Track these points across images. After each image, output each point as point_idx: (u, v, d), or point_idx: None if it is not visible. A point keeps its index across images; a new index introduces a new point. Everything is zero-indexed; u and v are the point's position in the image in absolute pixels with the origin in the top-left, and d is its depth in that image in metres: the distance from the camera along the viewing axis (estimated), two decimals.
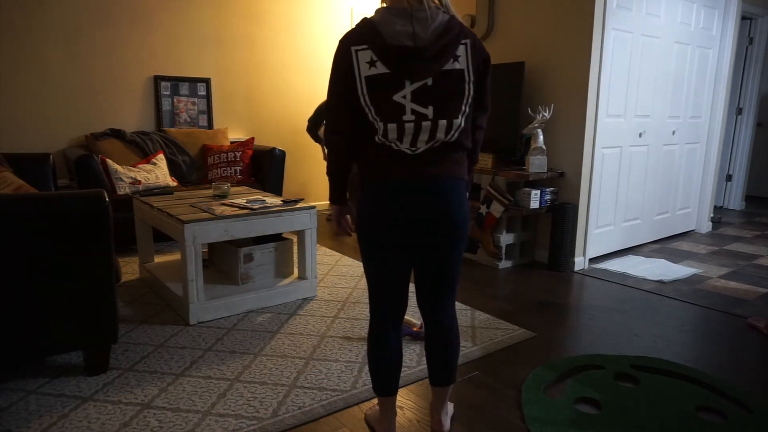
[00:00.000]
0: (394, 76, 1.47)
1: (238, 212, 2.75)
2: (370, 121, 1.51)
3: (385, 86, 1.48)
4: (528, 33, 3.85)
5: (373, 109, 1.50)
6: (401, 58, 1.46)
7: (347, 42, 1.50)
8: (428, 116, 1.49)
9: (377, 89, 1.48)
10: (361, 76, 1.48)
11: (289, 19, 5.29)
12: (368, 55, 1.47)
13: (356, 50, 1.48)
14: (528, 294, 3.22)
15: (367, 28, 1.48)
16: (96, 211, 2.00)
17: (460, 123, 1.53)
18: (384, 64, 1.46)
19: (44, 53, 4.07)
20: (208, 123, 4.92)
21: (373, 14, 1.52)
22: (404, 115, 1.49)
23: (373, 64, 1.47)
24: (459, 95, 1.52)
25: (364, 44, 1.47)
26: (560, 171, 3.72)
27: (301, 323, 2.71)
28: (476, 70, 1.54)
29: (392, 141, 1.51)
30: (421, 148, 1.52)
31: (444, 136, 1.52)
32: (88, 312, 2.06)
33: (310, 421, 1.87)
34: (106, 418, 1.86)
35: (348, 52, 1.49)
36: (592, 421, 1.89)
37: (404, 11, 1.46)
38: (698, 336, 2.65)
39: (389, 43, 1.45)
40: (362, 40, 1.48)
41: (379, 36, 1.46)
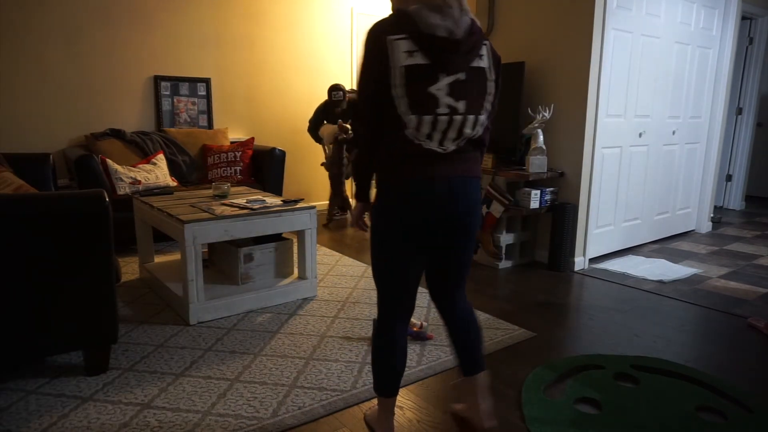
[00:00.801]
0: (432, 67, 1.47)
1: (238, 212, 2.75)
2: (398, 114, 1.48)
3: (423, 77, 1.46)
4: (528, 33, 3.85)
5: (405, 101, 1.47)
6: (441, 49, 1.46)
7: (381, 31, 1.48)
8: (460, 110, 1.51)
9: (414, 80, 1.46)
10: (396, 66, 1.46)
11: (289, 19, 5.29)
12: (407, 44, 1.46)
13: (393, 39, 1.46)
14: (528, 294, 3.22)
15: (404, 19, 1.47)
16: (96, 211, 2.00)
17: (484, 120, 1.58)
18: (423, 55, 1.46)
19: (44, 53, 4.08)
20: (208, 123, 4.92)
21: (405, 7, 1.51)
22: (438, 108, 1.48)
23: (411, 54, 1.46)
24: (484, 92, 1.56)
25: (402, 33, 1.46)
26: (560, 171, 3.72)
27: (301, 323, 2.71)
28: (495, 69, 1.59)
29: (422, 138, 1.50)
30: (450, 148, 1.52)
31: (471, 131, 1.54)
32: (88, 312, 2.06)
33: (310, 421, 1.87)
34: (106, 418, 1.86)
35: (382, 41, 1.47)
36: (592, 421, 1.89)
37: (439, 7, 1.48)
38: (698, 336, 2.65)
39: (430, 33, 1.45)
40: (400, 30, 1.46)
41: (417, 26, 1.45)
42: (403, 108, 1.48)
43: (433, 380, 2.17)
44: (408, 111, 1.48)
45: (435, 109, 1.48)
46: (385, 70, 1.47)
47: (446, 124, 1.50)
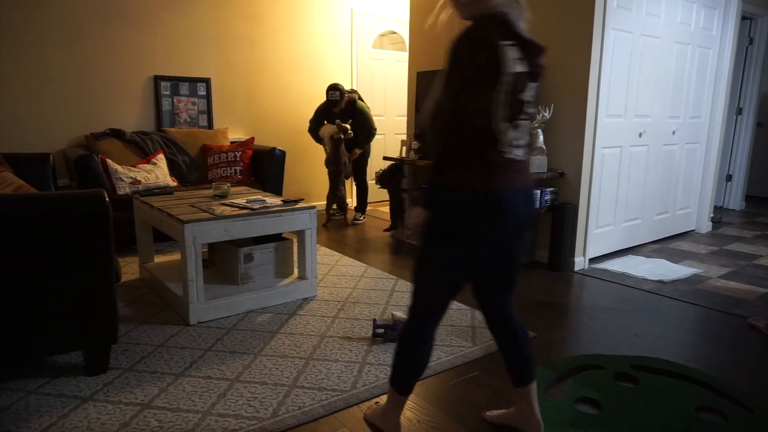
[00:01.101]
0: (528, 74, 1.48)
1: (238, 212, 2.75)
2: (488, 121, 1.45)
3: (521, 85, 1.47)
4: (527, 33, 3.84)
5: (503, 109, 1.44)
6: (534, 56, 1.48)
7: (492, 36, 1.42)
8: (531, 116, 1.55)
9: (516, 88, 1.45)
10: (505, 72, 1.42)
11: (289, 19, 5.29)
12: (515, 51, 1.44)
13: (505, 45, 1.42)
14: (528, 294, 3.22)
15: (507, 24, 1.45)
16: (96, 211, 2.00)
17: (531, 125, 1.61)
18: (525, 62, 1.47)
19: (44, 53, 4.08)
20: (208, 123, 4.92)
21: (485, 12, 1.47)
22: (521, 115, 1.50)
23: (518, 61, 1.45)
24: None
25: (510, 40, 1.44)
26: (560, 171, 3.72)
27: (301, 323, 2.71)
28: None
29: (507, 145, 1.48)
30: (521, 156, 1.53)
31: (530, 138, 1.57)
32: (88, 312, 2.06)
33: (310, 421, 1.87)
34: (106, 418, 1.86)
35: (495, 47, 1.41)
36: (592, 421, 1.89)
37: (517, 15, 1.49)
38: (698, 336, 2.64)
39: (528, 40, 1.46)
40: (507, 36, 1.44)
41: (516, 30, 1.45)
42: (500, 114, 1.45)
43: (433, 380, 2.17)
44: (503, 118, 1.46)
45: (520, 116, 1.50)
46: (494, 77, 1.42)
47: (523, 130, 1.53)
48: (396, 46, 6.51)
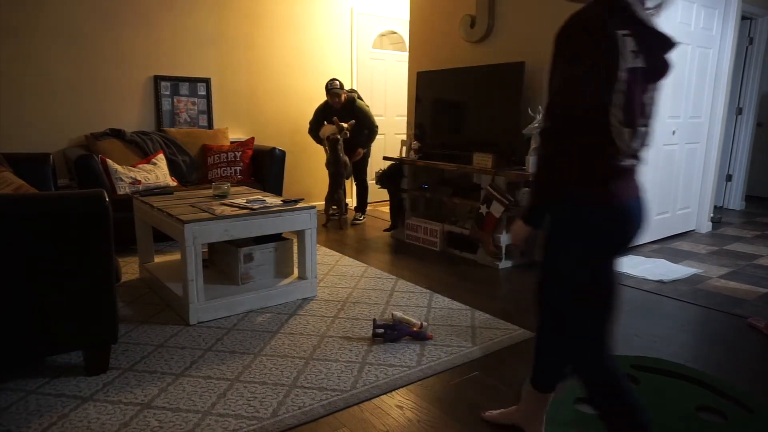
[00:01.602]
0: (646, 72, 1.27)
1: (238, 212, 2.75)
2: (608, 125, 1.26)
3: (640, 84, 1.27)
4: (528, 33, 3.85)
5: (622, 111, 1.25)
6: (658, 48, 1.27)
7: (607, 23, 1.21)
8: (650, 120, 1.37)
9: (634, 85, 1.25)
10: (623, 68, 1.22)
11: (289, 19, 5.29)
12: (632, 43, 1.23)
13: (622, 35, 1.21)
14: (528, 294, 3.21)
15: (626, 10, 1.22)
16: (96, 211, 2.00)
17: None
18: (644, 57, 1.25)
19: (44, 53, 4.08)
20: (208, 123, 4.92)
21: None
22: (644, 119, 1.32)
23: (636, 55, 1.24)
24: None
25: (627, 29, 1.22)
26: None
27: (301, 323, 2.71)
28: None
29: (630, 152, 1.32)
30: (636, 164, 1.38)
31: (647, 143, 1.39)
32: (88, 312, 2.06)
33: (310, 421, 1.87)
34: (106, 418, 1.86)
35: (613, 36, 1.20)
36: (592, 421, 1.89)
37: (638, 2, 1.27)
38: (698, 336, 2.64)
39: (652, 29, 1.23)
40: (624, 24, 1.22)
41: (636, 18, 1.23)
42: (619, 118, 1.26)
43: (433, 380, 2.17)
44: (624, 122, 1.27)
45: (643, 120, 1.32)
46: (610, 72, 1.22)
47: (644, 137, 1.36)
48: (396, 46, 6.51)
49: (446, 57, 4.55)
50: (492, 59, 4.12)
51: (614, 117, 1.25)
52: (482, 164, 3.81)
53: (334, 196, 4.83)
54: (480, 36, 4.16)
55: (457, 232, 4.07)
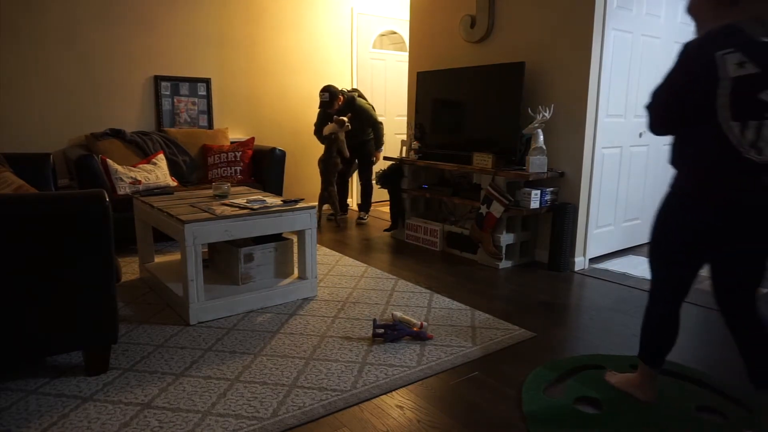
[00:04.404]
0: (763, 75, 1.55)
1: (238, 212, 2.75)
2: (720, 121, 1.58)
3: (753, 85, 1.55)
4: (528, 33, 3.85)
5: (731, 110, 1.56)
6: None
7: (709, 48, 1.58)
8: None
9: (744, 89, 1.55)
10: (727, 77, 1.56)
11: (289, 19, 5.29)
12: (737, 57, 1.55)
13: (723, 55, 1.56)
14: (528, 294, 3.22)
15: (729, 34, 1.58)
16: (96, 211, 2.00)
17: None
18: (754, 64, 1.55)
19: (44, 53, 4.08)
20: (208, 123, 4.92)
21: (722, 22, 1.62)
22: (766, 113, 1.55)
23: (742, 66, 1.55)
24: None
25: (730, 48, 1.56)
26: (560, 171, 3.72)
27: (301, 323, 2.71)
28: None
29: (746, 145, 1.56)
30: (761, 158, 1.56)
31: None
32: (88, 312, 2.06)
33: (310, 421, 1.87)
34: (106, 418, 1.86)
35: (710, 57, 1.57)
36: (592, 421, 1.89)
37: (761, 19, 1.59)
38: (698, 336, 2.64)
39: (760, 42, 1.55)
40: (727, 45, 1.57)
41: (746, 38, 1.56)
42: (724, 115, 1.57)
43: (433, 380, 2.17)
44: (729, 117, 1.57)
45: (763, 114, 1.55)
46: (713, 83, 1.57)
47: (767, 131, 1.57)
48: (396, 46, 6.51)
49: (446, 57, 4.55)
50: (492, 59, 4.13)
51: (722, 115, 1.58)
52: (482, 164, 3.81)
53: (325, 195, 4.80)
54: (480, 36, 4.17)
55: (457, 232, 4.07)
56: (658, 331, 1.88)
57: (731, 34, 1.57)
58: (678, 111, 1.67)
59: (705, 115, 1.61)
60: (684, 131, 1.71)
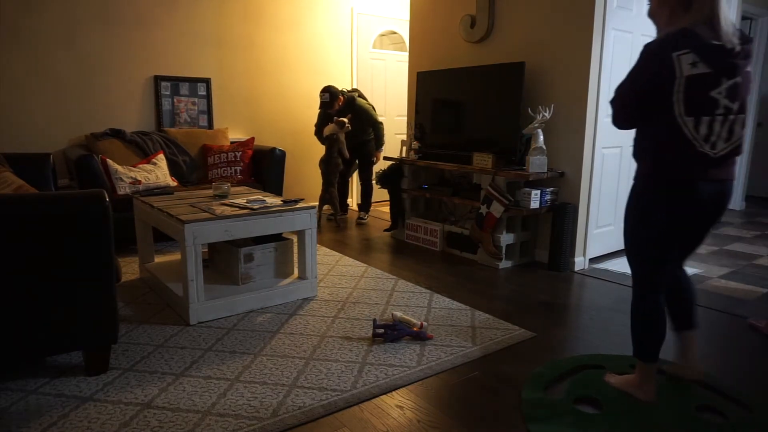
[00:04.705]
0: (715, 74, 1.70)
1: (238, 212, 2.75)
2: (676, 116, 1.74)
3: (706, 84, 1.70)
4: (528, 33, 3.85)
5: (685, 106, 1.72)
6: (722, 58, 1.70)
7: (666, 49, 1.72)
8: (734, 110, 1.74)
9: (697, 87, 1.70)
10: (682, 76, 1.70)
11: (289, 19, 5.29)
12: (691, 57, 1.70)
13: (678, 55, 1.71)
14: (528, 294, 3.22)
15: (684, 36, 1.72)
16: (96, 211, 2.00)
17: (746, 118, 1.79)
18: (706, 65, 1.70)
19: (44, 53, 4.08)
20: (208, 123, 4.92)
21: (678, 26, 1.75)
22: (717, 110, 1.72)
23: (695, 65, 1.70)
24: (748, 93, 1.78)
25: (685, 49, 1.70)
26: (560, 171, 3.72)
27: (301, 323, 2.71)
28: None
29: (698, 140, 1.74)
30: (720, 153, 1.75)
31: (741, 130, 1.77)
32: (88, 312, 2.06)
33: (310, 421, 1.87)
34: (106, 418, 1.86)
35: (668, 57, 1.71)
36: (592, 421, 1.89)
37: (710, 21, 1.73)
38: (698, 336, 2.64)
39: (711, 44, 1.70)
40: (683, 46, 1.71)
41: (699, 41, 1.70)
42: (679, 110, 1.73)
43: (433, 380, 2.17)
44: (684, 112, 1.73)
45: (714, 110, 1.72)
46: (670, 81, 1.72)
47: (721, 123, 1.73)
48: (396, 46, 6.51)
49: (446, 57, 4.55)
50: (492, 59, 4.13)
51: (676, 110, 1.73)
52: (482, 164, 3.81)
53: (326, 196, 4.80)
54: (480, 36, 4.17)
55: (457, 232, 4.07)
56: (648, 325, 1.95)
57: (686, 37, 1.71)
58: (639, 106, 1.81)
59: (663, 110, 1.75)
60: (645, 126, 1.85)
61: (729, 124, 1.74)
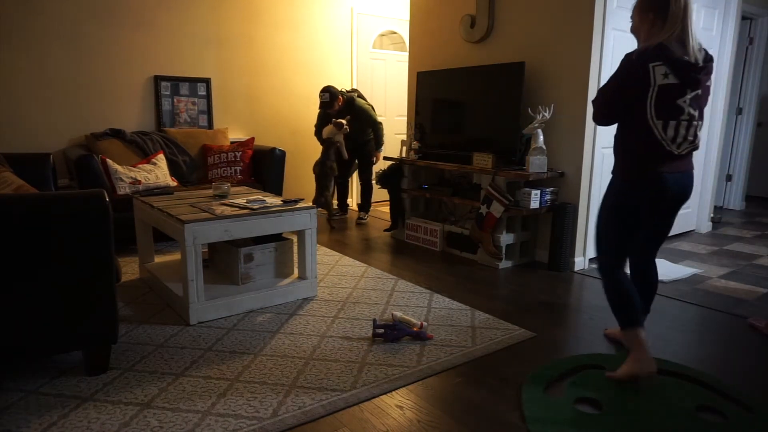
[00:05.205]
0: (681, 85, 1.98)
1: (238, 212, 2.75)
2: (648, 118, 2.01)
3: (674, 93, 1.98)
4: (528, 33, 3.85)
5: (656, 111, 2.00)
6: (688, 72, 1.97)
7: (644, 60, 1.98)
8: (695, 117, 2.04)
9: (666, 95, 1.98)
10: (655, 85, 1.98)
11: (289, 19, 5.29)
12: (663, 69, 1.97)
13: (653, 66, 1.97)
14: (528, 294, 3.22)
15: (659, 50, 1.97)
16: (96, 211, 2.00)
17: (703, 124, 2.12)
18: (675, 76, 1.97)
19: (44, 53, 4.08)
20: (208, 123, 4.92)
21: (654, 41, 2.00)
22: (682, 116, 2.01)
23: (666, 76, 1.97)
24: (706, 104, 2.10)
25: (659, 61, 1.96)
26: (560, 171, 3.72)
27: (301, 323, 2.71)
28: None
29: (666, 140, 2.02)
30: (682, 152, 2.05)
31: (699, 133, 2.07)
32: (88, 312, 2.06)
33: (310, 421, 1.87)
34: (106, 418, 1.86)
35: (646, 66, 1.98)
36: (592, 421, 1.89)
37: (682, 40, 2.00)
38: (698, 336, 2.64)
39: (681, 60, 1.96)
40: (658, 59, 1.97)
41: (671, 55, 1.96)
42: (651, 114, 2.01)
43: (433, 380, 2.17)
44: (655, 117, 2.01)
45: (680, 116, 2.01)
46: (645, 88, 1.99)
47: (685, 128, 2.02)
48: (396, 46, 6.51)
49: (446, 57, 4.55)
50: (492, 59, 4.13)
51: (650, 114, 2.02)
52: (482, 164, 3.81)
53: (320, 200, 4.79)
54: (480, 36, 4.17)
55: (457, 232, 4.07)
56: (621, 296, 2.16)
57: (661, 51, 1.97)
58: (618, 106, 2.09)
59: (638, 112, 2.03)
60: (622, 128, 2.15)
61: (693, 129, 2.04)
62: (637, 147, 2.08)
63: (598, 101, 2.16)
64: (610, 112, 2.14)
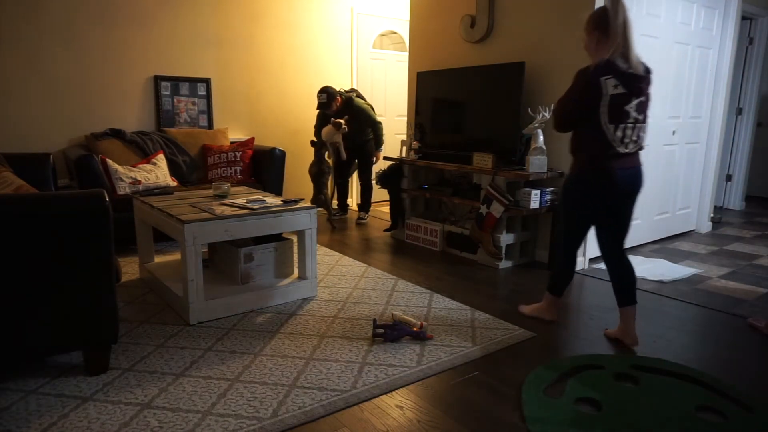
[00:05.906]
0: (629, 94, 2.31)
1: (238, 212, 2.75)
2: (601, 123, 2.33)
3: (622, 101, 2.31)
4: (528, 33, 3.85)
5: (608, 116, 2.32)
6: (633, 83, 2.31)
7: (597, 75, 2.29)
8: (640, 120, 2.38)
9: (616, 103, 2.31)
10: (607, 95, 2.29)
11: (289, 19, 5.29)
12: (613, 81, 2.29)
13: (604, 79, 2.29)
14: (528, 294, 3.22)
15: (608, 66, 2.29)
16: (96, 211, 2.00)
17: (647, 126, 2.47)
18: (623, 87, 2.30)
19: (44, 53, 4.08)
20: (208, 123, 4.92)
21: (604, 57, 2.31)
22: (628, 120, 2.34)
23: (616, 87, 2.29)
24: (648, 108, 2.42)
25: (610, 74, 2.29)
26: (560, 171, 3.71)
27: (301, 323, 2.71)
28: None
29: (617, 141, 2.34)
30: (629, 150, 2.38)
31: (644, 134, 2.42)
32: (88, 312, 2.06)
33: (310, 421, 1.87)
34: (106, 418, 1.86)
35: (598, 80, 2.29)
36: (592, 421, 1.89)
37: (626, 56, 2.32)
38: (698, 336, 2.64)
39: (627, 72, 2.29)
40: (608, 72, 2.29)
41: (619, 69, 2.29)
42: (605, 119, 2.32)
43: (433, 380, 2.17)
44: (607, 122, 2.32)
45: (627, 120, 2.34)
46: (598, 97, 2.30)
47: (632, 130, 2.36)
48: (396, 46, 6.51)
49: (446, 57, 4.55)
50: (492, 59, 4.13)
51: (603, 119, 2.34)
52: (482, 164, 3.81)
53: (320, 197, 4.78)
54: (480, 36, 4.17)
55: (457, 232, 4.07)
56: (564, 271, 2.65)
57: (609, 66, 2.29)
58: (576, 115, 2.39)
59: (592, 119, 2.34)
60: (579, 131, 2.44)
61: (637, 131, 2.38)
62: (592, 147, 2.38)
63: (559, 112, 2.44)
64: (570, 120, 2.43)
